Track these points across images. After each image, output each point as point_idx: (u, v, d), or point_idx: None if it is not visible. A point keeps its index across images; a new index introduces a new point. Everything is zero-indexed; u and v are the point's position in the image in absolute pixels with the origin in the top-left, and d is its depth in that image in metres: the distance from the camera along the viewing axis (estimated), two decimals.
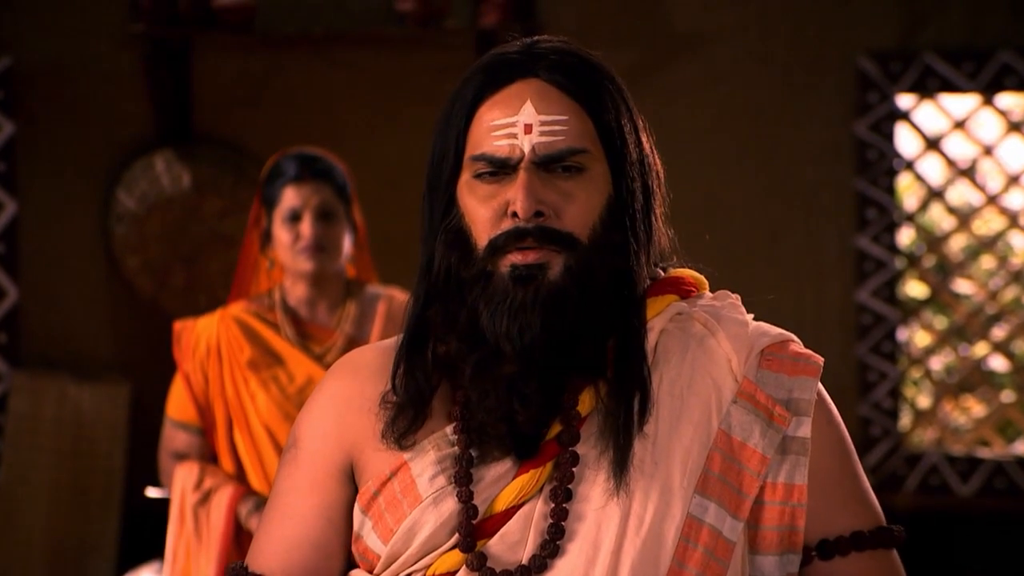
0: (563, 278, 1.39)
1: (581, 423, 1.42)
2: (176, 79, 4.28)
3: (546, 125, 1.41)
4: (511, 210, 1.40)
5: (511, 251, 1.40)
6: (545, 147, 1.40)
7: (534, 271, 1.39)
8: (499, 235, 1.40)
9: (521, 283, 1.39)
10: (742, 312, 1.49)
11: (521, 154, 1.40)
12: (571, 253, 1.39)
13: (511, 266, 1.40)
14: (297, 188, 2.83)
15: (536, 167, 1.41)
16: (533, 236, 1.39)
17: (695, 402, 1.43)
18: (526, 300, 1.38)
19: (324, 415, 1.49)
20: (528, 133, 1.41)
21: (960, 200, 4.75)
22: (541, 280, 1.39)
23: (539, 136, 1.40)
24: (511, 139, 1.41)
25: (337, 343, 2.85)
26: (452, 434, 1.44)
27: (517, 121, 1.41)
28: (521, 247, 1.39)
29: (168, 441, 2.90)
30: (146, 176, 4.31)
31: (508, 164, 1.41)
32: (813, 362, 1.46)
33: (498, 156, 1.41)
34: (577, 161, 1.41)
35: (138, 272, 4.33)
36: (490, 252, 1.40)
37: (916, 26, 4.31)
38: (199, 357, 2.83)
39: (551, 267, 1.39)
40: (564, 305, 1.38)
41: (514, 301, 1.38)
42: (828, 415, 1.47)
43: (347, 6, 4.27)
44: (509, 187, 1.41)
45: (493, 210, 1.41)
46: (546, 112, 1.41)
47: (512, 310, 1.38)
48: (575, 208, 1.40)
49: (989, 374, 4.61)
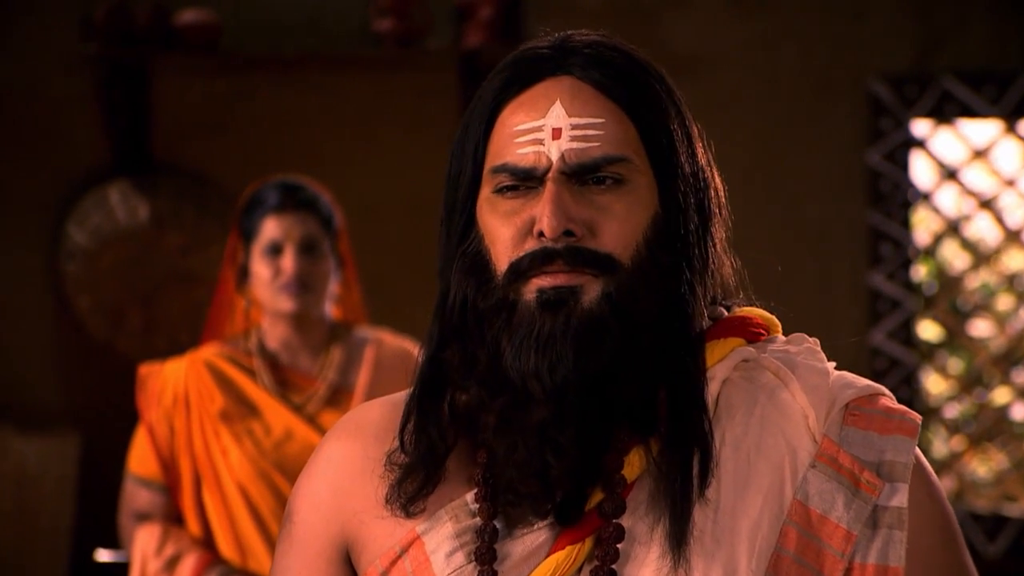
0: (601, 306, 1.25)
1: (628, 490, 1.28)
2: (133, 104, 4.27)
3: (578, 129, 1.28)
4: (537, 228, 1.27)
5: (536, 275, 1.26)
6: (576, 155, 1.27)
7: (564, 295, 1.25)
8: (522, 257, 1.27)
9: (550, 310, 1.25)
10: (822, 359, 1.35)
11: (548, 163, 1.28)
12: (610, 277, 1.26)
13: (537, 291, 1.26)
14: (278, 219, 2.79)
15: (566, 178, 1.28)
16: (563, 258, 1.26)
17: (765, 466, 1.28)
18: (555, 330, 1.25)
19: (319, 483, 1.37)
20: (557, 139, 1.28)
21: (979, 235, 4.72)
22: (573, 306, 1.25)
23: (569, 142, 1.27)
24: (537, 146, 1.28)
25: (319, 392, 2.81)
26: (473, 503, 1.30)
27: (544, 125, 1.28)
28: (548, 271, 1.26)
29: (129, 500, 2.83)
30: (100, 209, 4.30)
31: (533, 175, 1.28)
32: (910, 419, 1.31)
33: (521, 166, 1.28)
34: (615, 171, 1.28)
35: (90, 313, 4.30)
36: (512, 277, 1.27)
37: (933, 47, 4.31)
38: (165, 406, 2.78)
39: (585, 292, 1.26)
40: (602, 338, 1.25)
41: (542, 332, 1.25)
42: (929, 485, 1.32)
43: (321, 25, 4.30)
44: (535, 202, 1.28)
45: (516, 228, 1.28)
46: (578, 114, 1.28)
47: (540, 343, 1.24)
48: (614, 225, 1.27)
49: (1009, 422, 4.56)
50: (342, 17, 4.29)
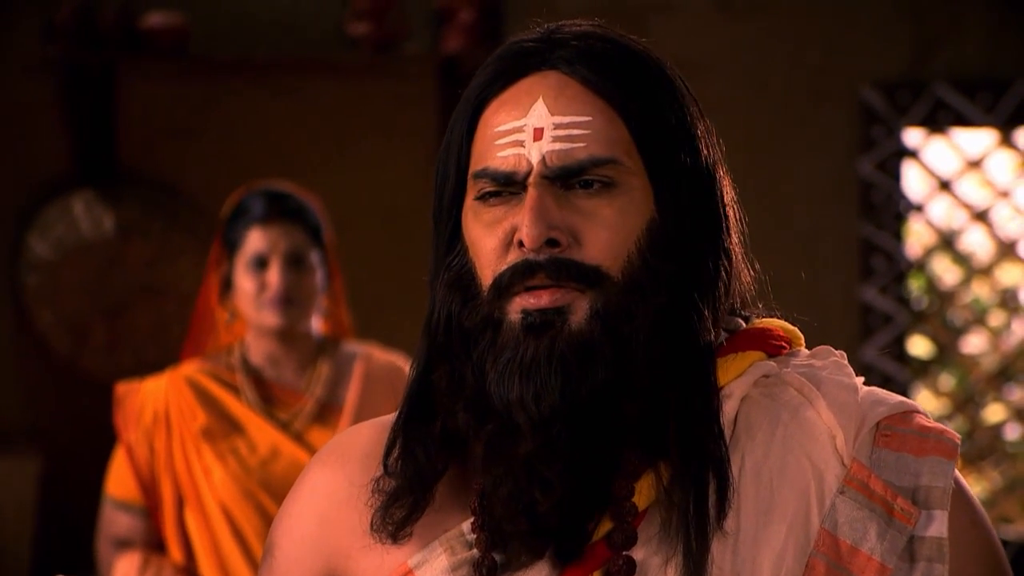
0: (590, 325, 1.19)
1: (639, 520, 1.20)
2: (98, 110, 4.24)
3: (561, 129, 1.20)
4: (517, 238, 1.20)
5: (520, 292, 1.19)
6: (559, 156, 1.20)
7: (551, 317, 1.19)
8: (505, 270, 1.20)
9: (534, 333, 1.19)
10: (849, 373, 1.28)
11: (529, 166, 1.20)
12: (599, 292, 1.19)
13: (522, 312, 1.19)
14: (264, 230, 2.76)
15: (549, 182, 1.20)
16: (545, 271, 1.19)
17: (789, 492, 1.20)
18: (539, 355, 1.18)
19: (302, 513, 1.30)
20: (538, 139, 1.20)
21: (971, 248, 4.72)
22: (560, 328, 1.19)
23: (551, 143, 1.20)
24: (517, 148, 1.21)
25: (306, 408, 2.78)
26: (470, 532, 1.23)
27: (525, 124, 1.21)
28: (531, 286, 1.19)
29: (108, 525, 2.80)
30: (63, 219, 4.26)
31: (514, 180, 1.21)
32: (947, 439, 1.23)
33: (502, 170, 1.21)
34: (603, 174, 1.20)
35: (52, 328, 4.26)
36: (495, 293, 1.20)
37: (927, 54, 4.30)
38: (144, 425, 2.75)
39: (573, 311, 1.19)
40: (591, 361, 1.18)
41: (525, 357, 1.18)
42: (971, 511, 1.24)
43: (294, 28, 4.29)
44: (517, 210, 1.21)
45: (499, 239, 1.21)
46: (562, 112, 1.21)
47: (523, 369, 1.18)
48: (602, 233, 1.20)
49: (1003, 441, 4.57)
50: (316, 20, 4.29)
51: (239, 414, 2.75)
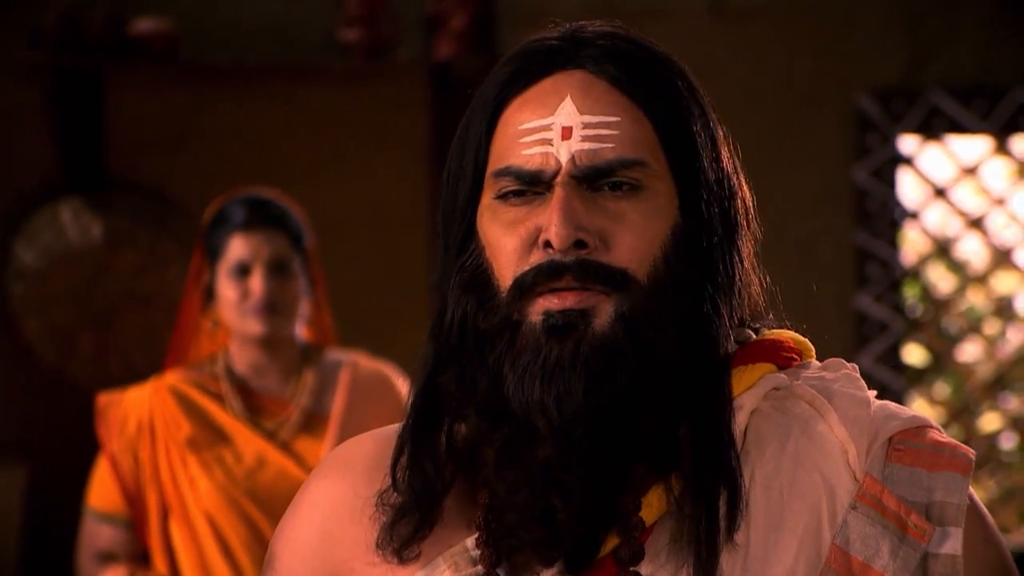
0: (614, 328, 1.18)
1: (647, 534, 1.19)
2: (86, 116, 4.22)
3: (590, 128, 1.19)
4: (543, 239, 1.18)
5: (543, 293, 1.18)
6: (588, 156, 1.19)
7: (574, 319, 1.17)
8: (527, 271, 1.18)
9: (557, 335, 1.17)
10: (861, 386, 1.26)
11: (557, 165, 1.19)
12: (624, 296, 1.18)
13: (544, 313, 1.18)
14: (246, 237, 2.76)
15: (577, 183, 1.19)
16: (572, 272, 1.17)
17: (800, 507, 1.19)
18: (563, 358, 1.17)
19: (304, 527, 1.28)
20: (567, 139, 1.19)
21: (966, 256, 4.73)
22: (584, 331, 1.17)
23: (581, 143, 1.19)
24: (544, 146, 1.20)
25: (292, 417, 2.78)
26: (474, 548, 1.21)
27: (553, 123, 1.20)
28: (556, 287, 1.18)
29: (90, 539, 2.78)
30: (50, 227, 4.26)
31: (540, 179, 1.20)
32: (961, 454, 1.21)
33: (527, 169, 1.20)
34: (631, 176, 1.19)
35: (39, 337, 4.26)
36: (516, 294, 1.19)
37: (922, 61, 4.31)
38: (128, 435, 2.75)
39: (597, 314, 1.18)
40: (615, 365, 1.17)
41: (548, 360, 1.17)
42: (985, 528, 1.22)
43: (285, 34, 4.29)
44: (542, 210, 1.19)
45: (521, 239, 1.19)
46: (591, 112, 1.20)
47: (546, 372, 1.17)
48: (629, 236, 1.19)
49: (998, 451, 4.56)
50: (307, 26, 4.28)
51: (224, 423, 2.75)
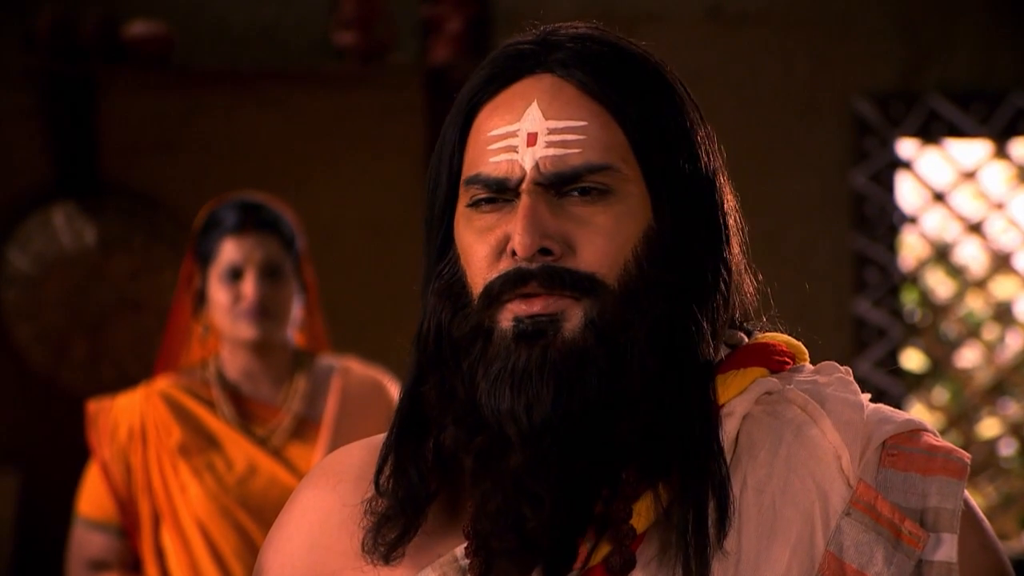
0: (583, 334, 1.17)
1: (638, 542, 1.18)
2: (79, 120, 4.24)
3: (556, 134, 1.19)
4: (510, 247, 1.18)
5: (512, 300, 1.18)
6: (553, 163, 1.19)
7: (543, 325, 1.17)
8: (496, 279, 1.18)
9: (525, 341, 1.17)
10: (855, 391, 1.24)
11: (522, 172, 1.19)
12: (593, 300, 1.17)
13: (514, 319, 1.17)
14: (238, 241, 2.74)
15: (543, 189, 1.19)
16: (538, 279, 1.17)
17: (792, 513, 1.18)
18: (531, 364, 1.16)
19: (293, 536, 1.28)
20: (531, 145, 1.19)
21: (965, 261, 4.73)
22: (552, 336, 1.17)
23: (545, 148, 1.19)
24: (510, 153, 1.19)
25: (283, 423, 2.77)
26: (463, 558, 1.21)
27: (519, 130, 1.20)
28: (524, 293, 1.17)
29: (80, 547, 2.76)
30: (43, 232, 4.26)
31: (507, 186, 1.19)
32: (956, 458, 1.20)
33: (494, 176, 1.20)
34: (599, 181, 1.19)
35: (32, 343, 4.26)
36: (486, 301, 1.19)
37: (920, 65, 4.30)
38: (120, 442, 2.73)
39: (566, 319, 1.17)
40: (584, 371, 1.16)
41: (516, 366, 1.17)
42: (981, 533, 1.21)
43: (279, 38, 4.29)
44: (510, 217, 1.19)
45: (491, 246, 1.20)
46: (556, 117, 1.19)
47: (515, 379, 1.16)
48: (597, 240, 1.18)
49: (998, 457, 4.56)
50: (301, 30, 4.28)
51: (215, 430, 2.74)
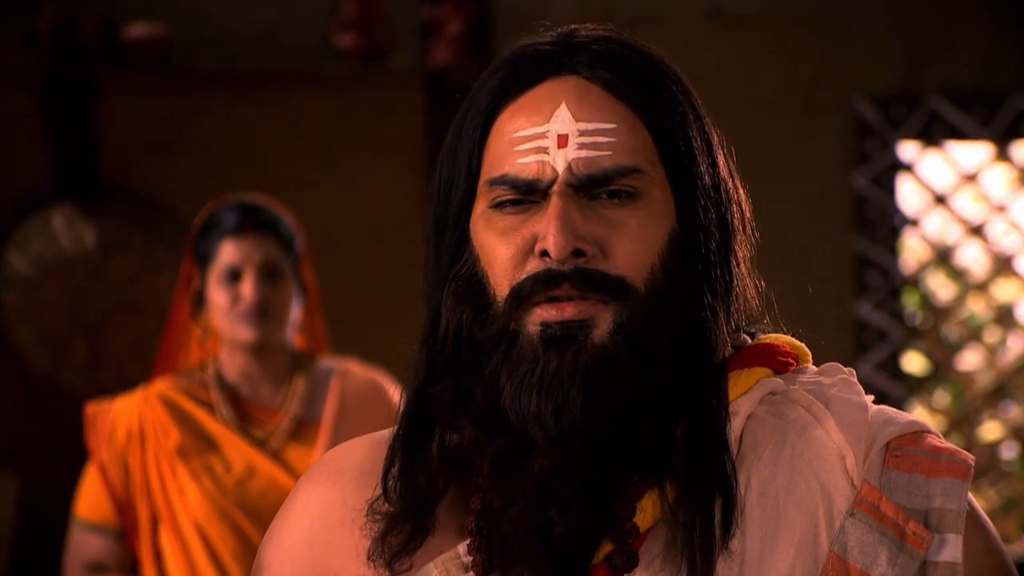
0: (613, 339, 1.18)
1: (641, 541, 1.19)
2: (78, 122, 4.24)
3: (587, 136, 1.20)
4: (540, 247, 1.18)
5: (541, 302, 1.18)
6: (585, 164, 1.20)
7: (573, 330, 1.18)
8: (524, 280, 1.19)
9: (555, 347, 1.18)
10: (859, 392, 1.25)
11: (553, 174, 1.20)
12: (623, 304, 1.18)
13: (541, 324, 1.18)
14: (237, 242, 2.74)
15: (574, 191, 1.19)
16: (571, 281, 1.18)
17: (796, 513, 1.18)
18: (562, 370, 1.17)
19: (293, 534, 1.28)
20: (563, 147, 1.20)
21: (966, 263, 4.73)
22: (583, 342, 1.18)
23: (577, 150, 1.20)
24: (540, 155, 1.20)
25: (282, 425, 2.76)
26: (465, 555, 1.21)
27: (548, 131, 1.20)
28: (554, 297, 1.17)
29: (78, 549, 2.76)
30: (42, 234, 4.26)
31: (536, 188, 1.20)
32: (960, 459, 1.21)
33: (523, 178, 1.20)
34: (628, 184, 1.20)
35: (31, 345, 4.25)
36: (513, 304, 1.19)
37: (921, 67, 4.31)
38: (118, 444, 2.73)
39: (596, 324, 1.18)
40: (614, 376, 1.17)
41: (546, 371, 1.17)
42: (985, 535, 1.23)
43: (279, 40, 4.29)
44: (538, 218, 1.20)
45: (516, 247, 1.20)
46: (587, 119, 1.20)
47: (544, 384, 1.17)
48: (627, 244, 1.19)
49: (999, 460, 4.56)
50: (301, 32, 4.29)
51: (214, 432, 2.74)
